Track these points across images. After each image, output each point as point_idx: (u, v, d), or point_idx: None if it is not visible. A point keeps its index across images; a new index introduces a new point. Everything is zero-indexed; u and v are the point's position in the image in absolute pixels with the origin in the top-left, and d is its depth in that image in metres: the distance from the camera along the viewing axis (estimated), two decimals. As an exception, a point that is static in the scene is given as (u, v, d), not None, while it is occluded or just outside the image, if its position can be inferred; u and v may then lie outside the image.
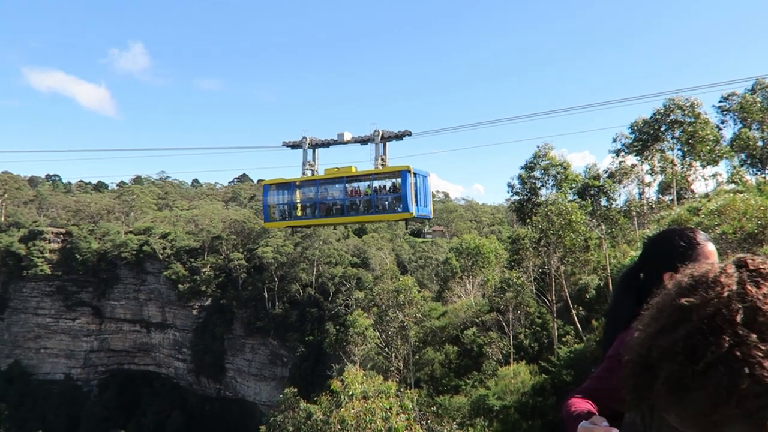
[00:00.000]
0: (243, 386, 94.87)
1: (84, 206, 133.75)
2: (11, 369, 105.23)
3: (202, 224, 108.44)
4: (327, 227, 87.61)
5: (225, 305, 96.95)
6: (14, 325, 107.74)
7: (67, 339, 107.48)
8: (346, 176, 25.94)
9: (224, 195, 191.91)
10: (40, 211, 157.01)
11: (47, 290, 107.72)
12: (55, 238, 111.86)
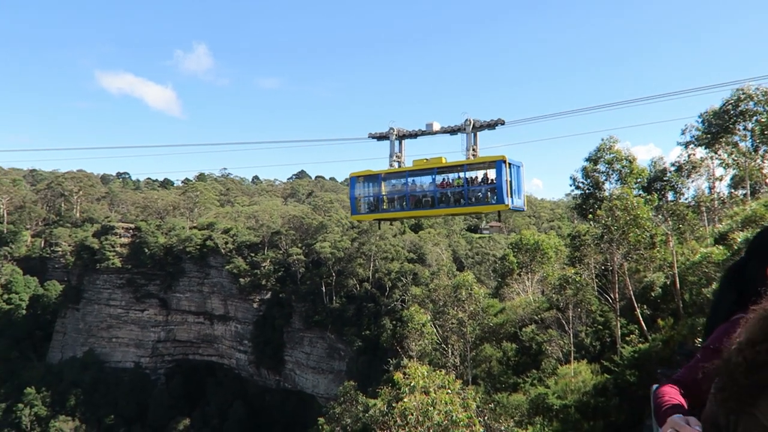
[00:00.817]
0: (302, 378, 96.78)
1: (151, 202, 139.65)
2: (86, 356, 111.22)
3: (262, 220, 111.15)
4: (409, 221, 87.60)
5: (284, 299, 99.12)
6: (89, 315, 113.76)
7: (137, 329, 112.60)
8: (437, 167, 25.22)
9: (283, 191, 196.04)
10: (111, 207, 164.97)
11: (118, 282, 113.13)
12: (125, 232, 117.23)
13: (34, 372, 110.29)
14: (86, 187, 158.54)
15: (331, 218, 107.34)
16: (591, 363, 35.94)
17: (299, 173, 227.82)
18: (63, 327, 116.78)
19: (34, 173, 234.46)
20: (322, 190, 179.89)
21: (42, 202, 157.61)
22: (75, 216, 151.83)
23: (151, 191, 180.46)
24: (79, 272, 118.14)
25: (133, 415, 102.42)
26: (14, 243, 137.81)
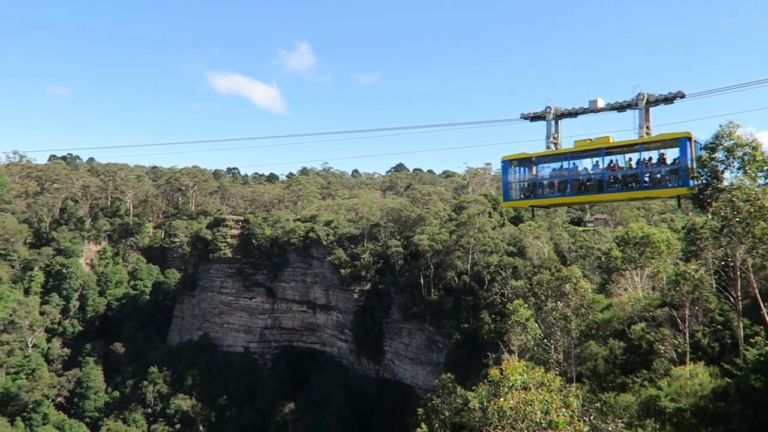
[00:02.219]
0: (400, 369, 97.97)
1: (258, 196, 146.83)
2: (201, 340, 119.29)
3: (362, 212, 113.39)
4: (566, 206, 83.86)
5: (383, 290, 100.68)
6: (203, 302, 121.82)
7: (246, 316, 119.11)
8: (605, 147, 22.89)
9: (382, 184, 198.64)
10: (222, 200, 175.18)
11: (229, 271, 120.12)
12: (235, 224, 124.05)
13: (157, 353, 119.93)
14: (200, 182, 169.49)
15: (429, 210, 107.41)
16: (709, 365, 33.40)
17: (398, 166, 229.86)
18: (181, 312, 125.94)
19: (155, 170, 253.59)
20: (420, 182, 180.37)
21: (162, 196, 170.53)
22: (191, 209, 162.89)
23: (258, 185, 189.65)
24: (194, 261, 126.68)
25: (243, 397, 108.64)
26: (139, 234, 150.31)
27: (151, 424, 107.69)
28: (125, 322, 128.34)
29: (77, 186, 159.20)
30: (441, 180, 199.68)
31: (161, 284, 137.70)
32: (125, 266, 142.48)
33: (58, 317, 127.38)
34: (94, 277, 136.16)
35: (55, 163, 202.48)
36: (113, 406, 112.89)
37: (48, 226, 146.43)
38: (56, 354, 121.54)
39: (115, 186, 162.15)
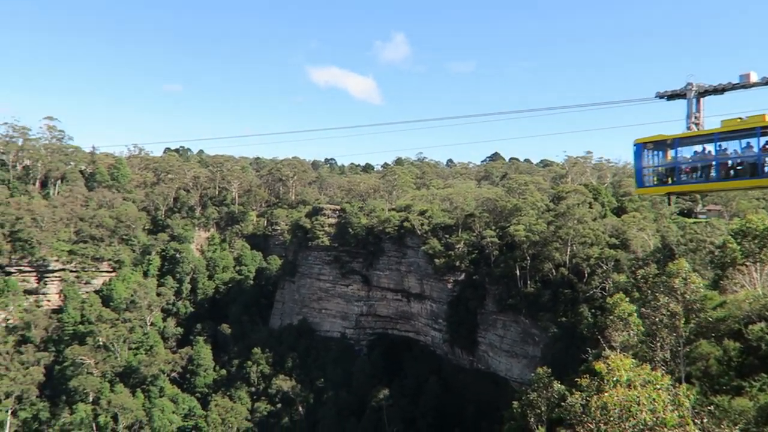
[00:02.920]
0: (495, 360, 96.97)
1: (354, 186, 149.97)
2: (300, 324, 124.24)
3: (456, 202, 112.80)
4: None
5: (478, 281, 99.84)
6: (302, 288, 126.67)
7: (342, 302, 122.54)
8: (760, 126, 20.58)
9: (477, 174, 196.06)
10: (320, 190, 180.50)
11: (326, 259, 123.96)
12: (332, 213, 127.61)
13: (260, 335, 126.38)
14: (300, 172, 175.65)
15: (526, 200, 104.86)
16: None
17: (493, 155, 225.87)
18: (282, 297, 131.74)
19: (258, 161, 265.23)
20: (517, 172, 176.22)
21: (264, 186, 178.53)
22: (291, 198, 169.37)
23: (354, 175, 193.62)
24: (294, 249, 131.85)
25: (340, 380, 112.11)
26: (243, 222, 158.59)
27: (254, 402, 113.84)
28: (231, 304, 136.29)
29: (189, 177, 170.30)
30: (538, 169, 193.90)
31: (264, 270, 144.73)
32: (231, 252, 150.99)
33: (172, 298, 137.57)
34: (204, 262, 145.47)
35: (169, 155, 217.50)
36: (221, 383, 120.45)
37: (163, 214, 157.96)
38: (171, 332, 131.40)
39: (222, 176, 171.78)
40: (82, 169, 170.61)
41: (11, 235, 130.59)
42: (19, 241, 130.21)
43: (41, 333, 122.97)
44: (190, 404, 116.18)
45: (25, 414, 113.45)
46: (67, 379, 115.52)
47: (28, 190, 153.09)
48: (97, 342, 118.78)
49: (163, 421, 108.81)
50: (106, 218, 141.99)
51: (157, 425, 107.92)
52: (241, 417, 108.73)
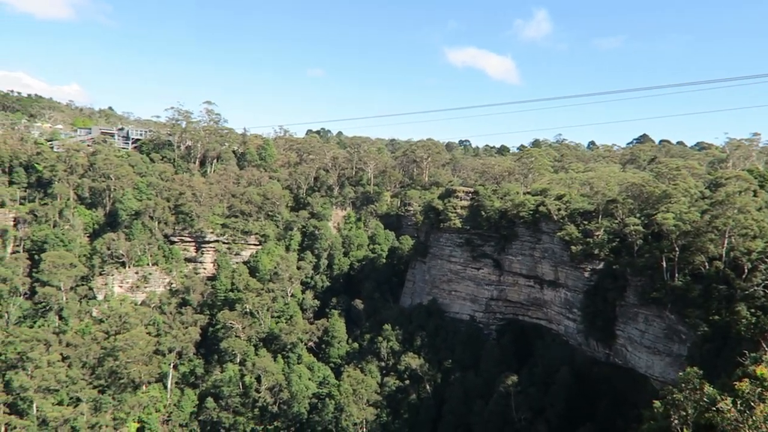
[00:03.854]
0: (634, 356, 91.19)
1: (489, 168, 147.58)
2: (430, 305, 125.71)
3: (597, 187, 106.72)
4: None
5: (618, 271, 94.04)
6: (433, 269, 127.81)
7: (472, 285, 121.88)
8: None
9: (621, 157, 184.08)
10: (454, 172, 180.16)
11: (458, 241, 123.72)
12: (465, 196, 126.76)
13: (391, 312, 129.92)
14: (434, 154, 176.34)
15: (678, 187, 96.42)
16: None
17: (641, 137, 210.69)
18: (413, 276, 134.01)
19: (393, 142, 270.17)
20: (668, 155, 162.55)
21: (399, 167, 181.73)
22: (424, 180, 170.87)
23: (488, 157, 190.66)
24: (426, 230, 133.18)
25: (468, 362, 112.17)
26: (378, 202, 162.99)
27: (383, 376, 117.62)
28: (364, 281, 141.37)
29: (328, 157, 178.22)
30: (693, 153, 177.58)
31: (396, 249, 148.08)
32: (366, 231, 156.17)
33: (310, 272, 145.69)
34: (340, 239, 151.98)
35: (311, 137, 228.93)
36: (353, 355, 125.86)
37: (304, 193, 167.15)
38: (309, 304, 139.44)
39: (359, 157, 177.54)
40: (235, 149, 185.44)
41: (175, 208, 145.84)
42: (181, 213, 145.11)
43: (198, 297, 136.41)
44: (324, 373, 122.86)
45: (183, 368, 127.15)
46: (218, 340, 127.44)
47: (190, 168, 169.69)
48: (244, 308, 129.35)
49: (300, 386, 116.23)
50: (255, 195, 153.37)
51: (295, 389, 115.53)
52: (371, 389, 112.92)
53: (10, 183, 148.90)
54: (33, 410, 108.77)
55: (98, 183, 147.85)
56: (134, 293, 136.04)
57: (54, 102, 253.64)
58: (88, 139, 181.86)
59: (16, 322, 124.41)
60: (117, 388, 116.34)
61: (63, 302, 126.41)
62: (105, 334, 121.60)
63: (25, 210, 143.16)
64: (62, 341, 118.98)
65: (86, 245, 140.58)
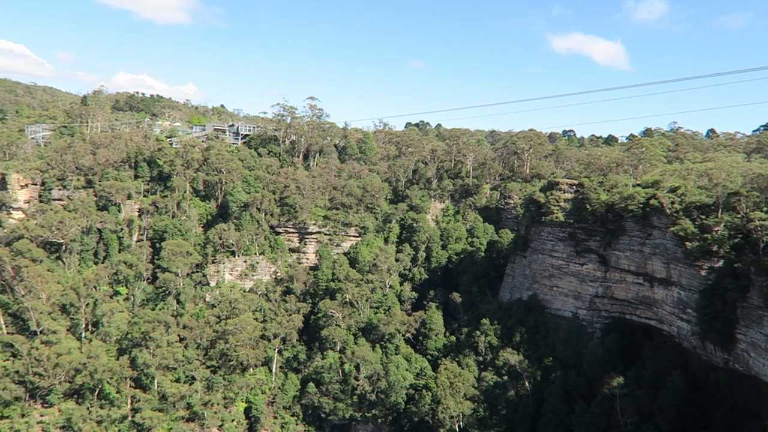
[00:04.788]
0: (757, 363, 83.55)
1: (595, 159, 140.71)
2: (530, 300, 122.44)
3: (717, 178, 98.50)
4: None
5: (740, 270, 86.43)
6: (534, 263, 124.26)
7: (575, 281, 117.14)
8: None
9: (746, 146, 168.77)
10: (557, 163, 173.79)
11: (560, 235, 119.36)
12: (569, 188, 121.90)
13: (489, 306, 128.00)
14: (536, 145, 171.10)
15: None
16: None
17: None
18: (512, 271, 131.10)
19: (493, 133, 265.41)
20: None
21: (498, 159, 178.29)
22: (525, 172, 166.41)
23: (594, 148, 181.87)
24: (526, 223, 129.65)
25: (570, 361, 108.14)
26: (477, 194, 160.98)
27: (481, 370, 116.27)
28: (462, 274, 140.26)
29: (427, 150, 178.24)
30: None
31: (495, 243, 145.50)
32: (464, 224, 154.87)
33: (408, 264, 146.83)
34: (438, 232, 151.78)
35: (410, 130, 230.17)
36: (450, 348, 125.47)
37: (403, 185, 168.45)
38: (406, 296, 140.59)
39: (458, 150, 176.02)
40: (336, 143, 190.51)
41: (280, 200, 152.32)
42: (286, 206, 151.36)
43: (301, 286, 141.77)
44: (421, 364, 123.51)
45: (287, 354, 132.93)
46: (320, 328, 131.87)
47: (294, 161, 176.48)
48: (344, 298, 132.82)
49: (397, 376, 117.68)
50: (355, 188, 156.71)
51: (392, 379, 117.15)
52: (468, 383, 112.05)
53: (135, 177, 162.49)
54: (154, 386, 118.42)
55: (211, 176, 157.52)
56: (243, 281, 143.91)
57: (173, 101, 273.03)
58: (203, 135, 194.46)
59: (140, 304, 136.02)
60: (227, 369, 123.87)
61: (180, 287, 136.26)
62: (217, 319, 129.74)
63: (148, 202, 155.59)
64: (179, 323, 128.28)
65: (200, 235, 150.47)
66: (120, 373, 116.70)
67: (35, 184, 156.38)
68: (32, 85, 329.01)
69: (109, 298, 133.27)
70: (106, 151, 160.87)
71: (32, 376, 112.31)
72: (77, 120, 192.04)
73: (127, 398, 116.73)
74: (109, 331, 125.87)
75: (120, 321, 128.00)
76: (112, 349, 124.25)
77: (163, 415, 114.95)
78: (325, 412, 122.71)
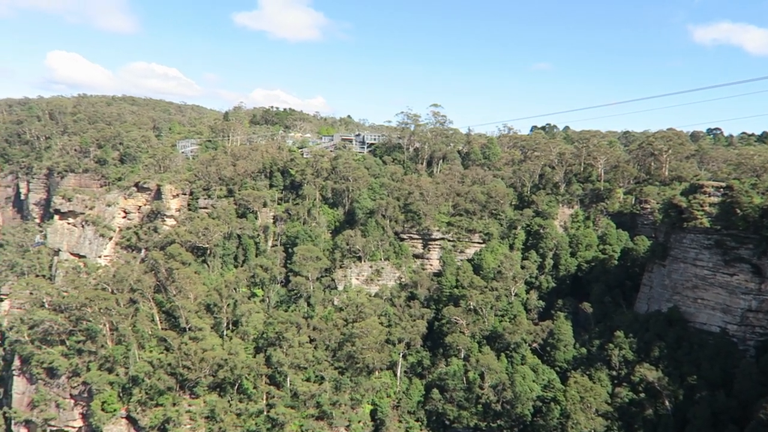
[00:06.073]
0: None
1: (746, 159, 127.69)
2: (671, 312, 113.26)
3: None
4: None
5: None
6: (674, 273, 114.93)
7: (724, 293, 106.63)
8: None
9: None
10: (700, 165, 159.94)
11: (705, 243, 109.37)
12: (715, 192, 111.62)
13: (624, 318, 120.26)
14: (675, 145, 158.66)
15: None
16: None
17: None
18: (649, 281, 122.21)
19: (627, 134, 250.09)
20: None
21: (633, 161, 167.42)
22: (663, 174, 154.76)
23: (746, 147, 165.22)
24: (665, 230, 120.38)
25: (718, 381, 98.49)
26: (609, 199, 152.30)
27: (615, 386, 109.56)
28: (593, 283, 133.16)
29: (554, 153, 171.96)
30: None
31: (630, 251, 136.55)
32: (595, 230, 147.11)
33: (535, 272, 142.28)
34: (567, 239, 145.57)
35: (535, 133, 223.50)
36: (580, 361, 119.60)
37: (529, 190, 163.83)
38: (533, 305, 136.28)
39: (588, 152, 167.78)
40: (460, 149, 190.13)
41: (404, 207, 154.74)
42: (410, 212, 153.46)
43: (424, 292, 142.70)
44: (549, 376, 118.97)
45: (411, 359, 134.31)
46: (443, 334, 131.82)
47: (417, 168, 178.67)
48: (468, 305, 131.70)
49: (524, 387, 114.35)
50: (479, 194, 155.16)
51: (518, 389, 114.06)
52: (600, 399, 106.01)
53: (270, 186, 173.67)
54: (287, 383, 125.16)
55: (339, 184, 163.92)
56: (368, 285, 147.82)
57: (303, 114, 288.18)
58: (331, 145, 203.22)
59: (274, 306, 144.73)
60: (354, 371, 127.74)
61: (310, 290, 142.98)
62: (344, 321, 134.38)
63: (281, 209, 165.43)
64: (310, 325, 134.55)
65: (329, 240, 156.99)
66: (257, 370, 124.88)
67: (185, 194, 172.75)
68: (182, 104, 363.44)
69: (247, 300, 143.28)
70: (244, 162, 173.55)
71: (182, 368, 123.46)
72: (220, 134, 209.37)
73: (263, 394, 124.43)
74: (247, 330, 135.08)
75: (257, 321, 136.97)
76: (249, 347, 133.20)
77: (295, 412, 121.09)
78: (449, 420, 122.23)
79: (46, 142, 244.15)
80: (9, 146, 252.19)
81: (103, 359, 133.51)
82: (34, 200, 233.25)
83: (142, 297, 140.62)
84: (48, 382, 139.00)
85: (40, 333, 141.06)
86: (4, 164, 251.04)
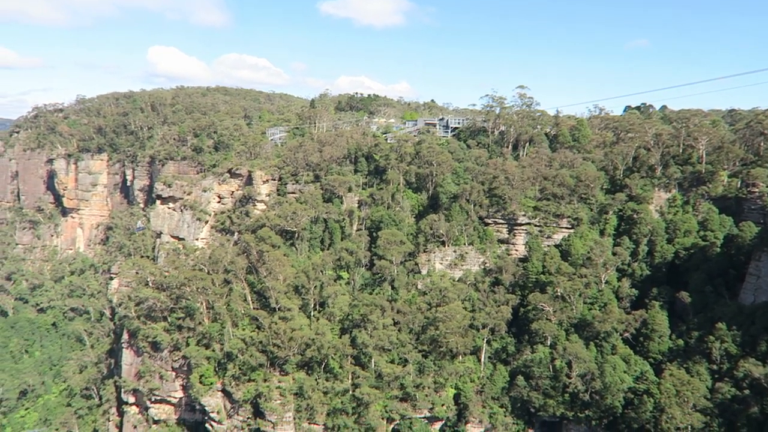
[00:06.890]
0: None
1: None
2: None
3: None
4: None
5: None
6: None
7: None
8: None
9: None
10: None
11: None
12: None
13: (727, 309, 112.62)
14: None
15: None
16: None
17: None
18: (757, 270, 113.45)
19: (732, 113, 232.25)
20: None
21: (740, 141, 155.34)
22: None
23: None
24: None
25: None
26: (711, 182, 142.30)
27: (715, 381, 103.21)
28: (692, 272, 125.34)
29: (650, 135, 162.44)
30: None
31: (735, 237, 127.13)
32: (695, 215, 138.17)
33: (627, 259, 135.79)
34: (663, 225, 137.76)
35: (629, 114, 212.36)
36: (676, 353, 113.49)
37: (621, 174, 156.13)
38: (625, 293, 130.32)
39: (688, 133, 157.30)
40: (547, 132, 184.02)
41: (489, 191, 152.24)
42: (495, 196, 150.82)
43: (509, 277, 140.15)
44: (642, 368, 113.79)
45: (495, 344, 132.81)
46: (529, 321, 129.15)
47: (503, 152, 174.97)
48: (555, 292, 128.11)
49: (614, 377, 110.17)
50: (567, 177, 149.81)
51: (608, 380, 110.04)
52: (699, 394, 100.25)
53: (355, 171, 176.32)
54: (372, 364, 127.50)
55: (422, 169, 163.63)
56: (452, 270, 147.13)
57: (387, 99, 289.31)
58: (415, 130, 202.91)
59: (359, 289, 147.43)
60: (437, 355, 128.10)
61: (394, 274, 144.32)
62: (428, 305, 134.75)
63: (366, 194, 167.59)
64: (394, 308, 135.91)
65: (413, 225, 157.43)
66: (342, 350, 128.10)
67: (274, 179, 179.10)
68: (271, 92, 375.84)
69: (333, 282, 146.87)
70: (330, 148, 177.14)
71: (272, 346, 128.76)
72: (306, 121, 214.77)
73: (348, 374, 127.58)
74: (333, 312, 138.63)
75: (342, 303, 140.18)
76: (335, 328, 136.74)
77: (379, 393, 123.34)
78: (535, 408, 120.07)
79: (149, 132, 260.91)
80: (116, 137, 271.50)
81: (201, 335, 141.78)
82: (138, 186, 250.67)
83: (236, 278, 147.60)
84: (152, 355, 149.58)
85: (145, 309, 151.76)
86: (112, 153, 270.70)
